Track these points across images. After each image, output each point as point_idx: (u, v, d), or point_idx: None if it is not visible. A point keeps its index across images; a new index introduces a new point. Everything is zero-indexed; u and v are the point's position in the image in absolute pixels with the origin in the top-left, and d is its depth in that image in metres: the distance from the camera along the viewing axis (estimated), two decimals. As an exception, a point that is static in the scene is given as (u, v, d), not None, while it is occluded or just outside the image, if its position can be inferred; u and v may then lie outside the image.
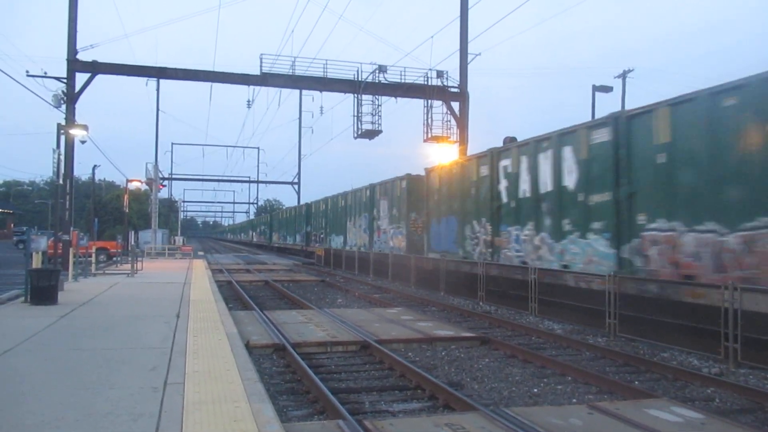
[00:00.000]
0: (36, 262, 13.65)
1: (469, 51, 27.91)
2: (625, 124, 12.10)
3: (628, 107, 21.59)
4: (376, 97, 29.36)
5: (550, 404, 6.92)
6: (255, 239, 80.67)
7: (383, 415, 6.49)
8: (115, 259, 32.44)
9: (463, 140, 28.48)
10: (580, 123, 13.82)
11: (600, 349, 9.96)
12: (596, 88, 30.45)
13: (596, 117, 19.64)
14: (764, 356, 8.37)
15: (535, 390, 7.62)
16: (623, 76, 32.15)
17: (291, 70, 28.67)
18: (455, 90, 28.90)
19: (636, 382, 7.99)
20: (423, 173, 22.81)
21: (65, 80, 25.75)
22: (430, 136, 29.26)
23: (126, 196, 39.72)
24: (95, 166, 38.00)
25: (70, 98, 25.50)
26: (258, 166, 78.76)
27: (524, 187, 15.45)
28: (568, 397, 7.34)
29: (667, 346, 9.90)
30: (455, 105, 29.03)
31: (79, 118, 25.76)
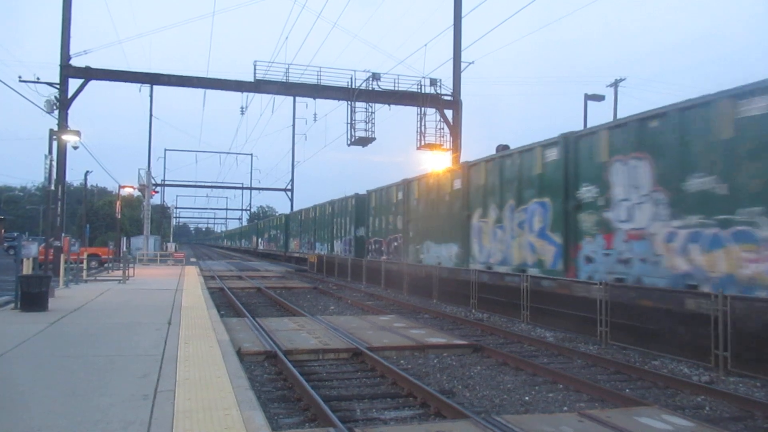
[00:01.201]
0: (27, 269, 13.58)
1: (462, 59, 28.07)
2: None
3: (618, 117, 21.00)
4: (370, 104, 29.46)
5: (541, 412, 6.94)
6: (262, 247, 64.89)
7: (374, 422, 6.48)
8: (106, 265, 32.28)
9: (456, 148, 28.58)
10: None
11: (591, 357, 9.99)
12: (588, 97, 30.66)
13: (588, 126, 19.02)
14: (754, 364, 8.42)
15: (527, 398, 7.64)
16: (615, 85, 32.39)
17: (285, 77, 28.74)
18: (448, 98, 29.02)
19: (627, 390, 8.02)
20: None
21: (58, 86, 25.70)
22: (423, 143, 29.37)
23: (118, 202, 39.58)
24: (87, 171, 38.00)
25: (62, 104, 25.44)
26: (251, 172, 78.68)
27: None
28: (559, 404, 7.35)
29: (658, 354, 9.94)
30: (448, 113, 29.15)
31: (71, 123, 25.73)
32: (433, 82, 29.31)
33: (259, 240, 67.49)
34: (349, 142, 29.93)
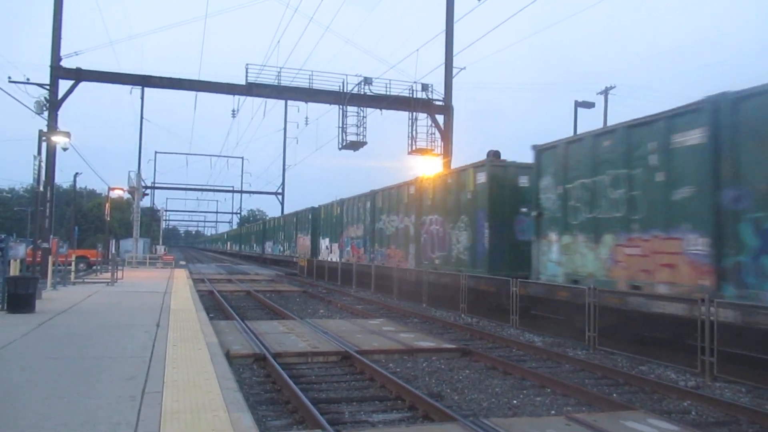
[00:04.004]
0: (14, 270, 13.49)
1: (455, 64, 28.19)
2: None
3: (610, 123, 20.29)
4: (362, 108, 29.51)
5: (529, 416, 6.97)
6: (343, 256, 29.44)
7: (363, 425, 6.49)
8: (95, 267, 32.09)
9: (447, 153, 28.67)
10: None
11: (579, 362, 10.03)
12: (579, 104, 30.89)
13: (578, 132, 18.40)
14: (739, 370, 8.50)
15: (515, 401, 7.67)
16: (605, 92, 32.64)
17: (277, 81, 28.75)
18: (440, 103, 29.12)
19: (614, 395, 8.06)
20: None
21: (48, 87, 25.56)
22: (414, 148, 29.44)
23: (107, 205, 39.36)
24: (77, 173, 37.55)
25: (52, 105, 25.31)
26: (242, 175, 78.44)
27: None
28: (546, 408, 7.39)
29: (645, 360, 10.00)
30: (440, 118, 29.25)
31: (61, 125, 25.58)
32: (425, 87, 29.41)
33: (325, 242, 32.94)
34: (340, 146, 29.97)
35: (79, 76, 26.38)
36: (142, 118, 49.43)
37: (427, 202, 19.94)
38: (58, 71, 25.90)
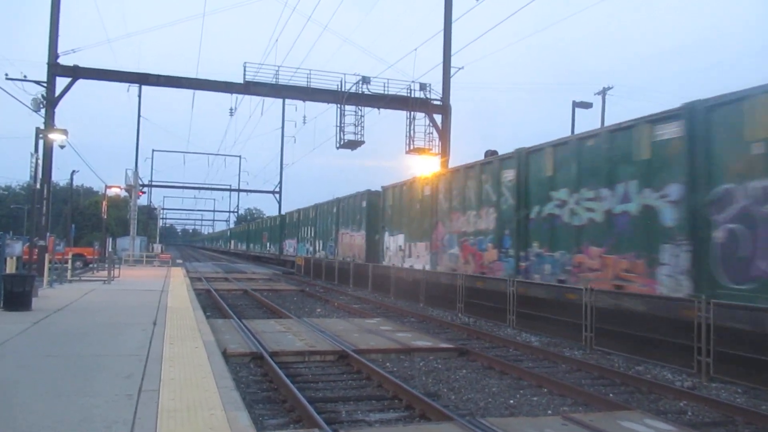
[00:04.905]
0: (10, 268, 13.47)
1: (453, 64, 28.16)
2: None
3: (607, 123, 20.57)
4: (359, 107, 29.47)
5: (526, 415, 6.98)
6: (408, 256, 21.32)
7: (359, 424, 6.49)
8: (91, 265, 32.03)
9: (444, 152, 28.66)
10: None
11: (576, 362, 10.05)
12: (576, 104, 30.96)
13: (576, 132, 18.30)
14: (736, 371, 8.52)
15: (512, 401, 7.67)
16: (603, 93, 32.70)
17: (274, 79, 28.67)
18: (438, 102, 29.11)
19: (610, 395, 8.08)
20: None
21: (45, 84, 25.48)
22: (412, 147, 29.42)
23: (104, 203, 39.30)
24: (74, 171, 37.60)
25: (49, 102, 25.23)
26: (239, 174, 78.31)
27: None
28: (543, 408, 7.39)
29: (642, 360, 10.02)
30: (438, 117, 29.22)
31: (58, 122, 25.50)
32: (423, 87, 29.37)
33: (396, 240, 23.01)
34: (338, 145, 29.93)
35: (77, 73, 26.28)
36: (139, 116, 49.44)
37: (737, 155, 9.53)
38: (55, 68, 25.81)
